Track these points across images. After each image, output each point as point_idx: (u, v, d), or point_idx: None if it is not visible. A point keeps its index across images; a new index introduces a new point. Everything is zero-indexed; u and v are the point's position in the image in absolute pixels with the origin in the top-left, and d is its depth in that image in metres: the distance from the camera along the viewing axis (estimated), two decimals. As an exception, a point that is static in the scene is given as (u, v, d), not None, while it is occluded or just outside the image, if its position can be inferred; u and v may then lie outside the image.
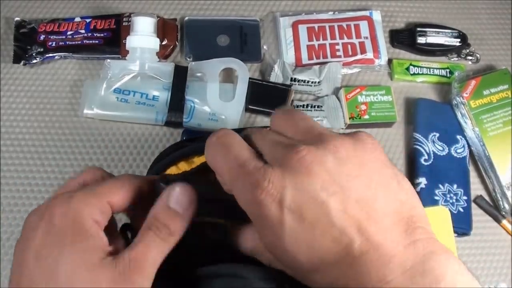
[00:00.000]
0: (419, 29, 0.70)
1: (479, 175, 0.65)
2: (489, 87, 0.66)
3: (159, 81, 0.63)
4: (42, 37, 0.64)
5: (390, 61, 0.70)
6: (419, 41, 0.70)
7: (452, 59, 0.72)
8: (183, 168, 0.50)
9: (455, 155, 0.64)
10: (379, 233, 0.23)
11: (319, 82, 0.66)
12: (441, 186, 0.62)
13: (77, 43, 0.65)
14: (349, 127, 0.65)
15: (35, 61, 0.64)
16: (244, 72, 0.64)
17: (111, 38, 0.65)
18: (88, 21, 0.66)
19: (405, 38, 0.71)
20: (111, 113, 0.62)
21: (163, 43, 0.66)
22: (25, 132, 0.62)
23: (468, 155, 0.65)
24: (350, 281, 0.23)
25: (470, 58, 0.72)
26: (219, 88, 0.63)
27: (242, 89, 0.63)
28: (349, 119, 0.64)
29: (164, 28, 0.66)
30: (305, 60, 0.68)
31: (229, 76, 0.66)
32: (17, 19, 0.66)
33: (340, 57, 0.68)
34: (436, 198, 0.61)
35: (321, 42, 0.69)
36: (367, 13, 0.71)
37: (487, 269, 0.61)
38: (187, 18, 0.69)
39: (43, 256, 0.26)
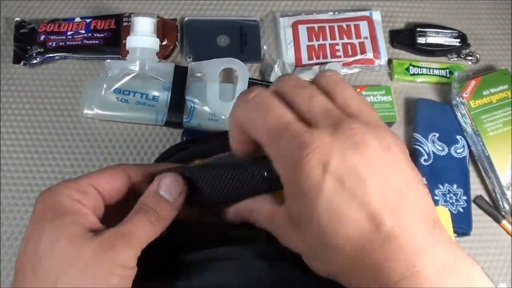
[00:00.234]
0: (419, 29, 0.70)
1: (479, 175, 0.65)
2: (489, 87, 0.66)
3: (159, 81, 0.63)
4: (42, 37, 0.64)
5: (390, 61, 0.70)
6: (419, 41, 0.70)
7: (452, 59, 0.72)
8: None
9: (455, 155, 0.64)
10: (411, 223, 0.23)
11: (319, 82, 0.66)
12: (441, 186, 0.62)
13: (77, 43, 0.65)
14: (349, 127, 0.65)
15: (35, 61, 0.64)
16: (244, 72, 0.64)
17: (111, 38, 0.65)
18: (88, 21, 0.66)
19: (405, 38, 0.71)
20: (111, 113, 0.62)
21: (163, 43, 0.66)
22: (25, 132, 0.62)
23: (468, 155, 0.65)
24: (372, 266, 0.23)
25: (470, 58, 0.72)
26: (219, 88, 0.63)
27: (242, 89, 0.63)
28: (349, 119, 0.64)
29: (164, 28, 0.66)
30: (305, 60, 0.68)
31: (229, 76, 0.66)
32: (17, 19, 0.66)
33: (340, 57, 0.68)
34: (436, 198, 0.61)
35: (321, 42, 0.69)
36: (367, 13, 0.71)
37: (487, 269, 0.61)
38: (187, 18, 0.69)
39: (29, 242, 0.27)
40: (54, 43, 0.64)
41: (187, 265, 0.31)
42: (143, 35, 0.62)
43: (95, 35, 0.65)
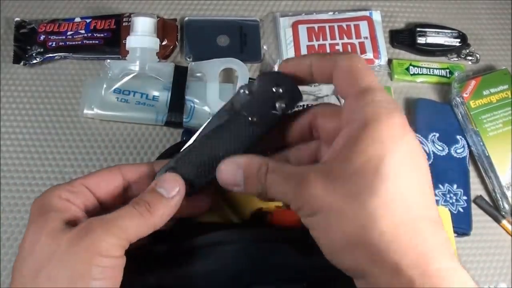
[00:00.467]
0: (419, 29, 0.70)
1: (479, 175, 0.65)
2: (489, 87, 0.66)
3: (159, 81, 0.63)
4: (42, 37, 0.64)
5: (390, 61, 0.70)
6: (419, 41, 0.70)
7: (452, 59, 0.72)
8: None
9: (455, 155, 0.64)
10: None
11: (319, 82, 0.66)
12: (441, 186, 0.62)
13: (77, 43, 0.65)
14: (349, 127, 0.65)
15: (35, 61, 0.64)
16: (244, 72, 0.64)
17: (111, 38, 0.65)
18: (88, 21, 0.66)
19: (405, 38, 0.71)
20: (111, 113, 0.62)
21: (163, 43, 0.66)
22: (25, 132, 0.62)
23: (468, 155, 0.65)
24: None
25: (470, 58, 0.72)
26: (219, 88, 0.63)
27: (242, 89, 0.63)
28: (349, 119, 0.64)
29: (164, 28, 0.66)
30: (305, 60, 0.68)
31: (229, 76, 0.66)
32: (17, 19, 0.66)
33: (340, 57, 0.68)
34: (436, 198, 0.61)
35: (321, 42, 0.69)
36: (367, 13, 0.71)
37: (487, 269, 0.61)
38: (187, 18, 0.69)
39: (23, 243, 0.27)
40: (54, 43, 0.64)
41: (190, 251, 0.31)
42: (143, 35, 0.62)
43: (95, 35, 0.65)
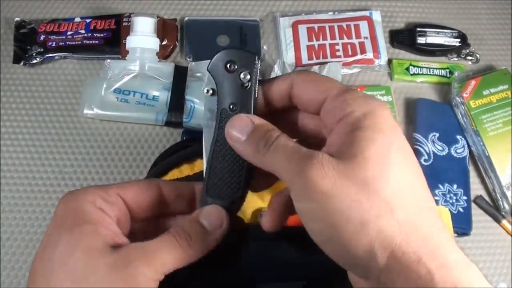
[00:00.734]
0: (419, 29, 0.70)
1: (479, 175, 0.65)
2: (489, 87, 0.66)
3: (159, 81, 0.63)
4: (42, 37, 0.64)
5: (390, 61, 0.70)
6: (419, 41, 0.70)
7: (452, 59, 0.72)
8: (186, 171, 0.49)
9: (455, 155, 0.64)
10: None
11: (319, 82, 0.66)
12: (441, 186, 0.62)
13: (77, 43, 0.65)
14: (349, 127, 0.65)
15: (35, 61, 0.64)
16: (244, 72, 0.63)
17: (111, 38, 0.65)
18: (88, 21, 0.66)
19: (405, 38, 0.71)
20: (111, 113, 0.62)
21: (163, 43, 0.66)
22: (25, 132, 0.62)
23: (468, 155, 0.65)
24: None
25: (470, 58, 0.72)
26: (219, 88, 0.63)
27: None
28: (349, 119, 0.64)
29: (164, 28, 0.66)
30: (305, 60, 0.68)
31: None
32: (17, 19, 0.66)
33: (340, 57, 0.68)
34: (436, 198, 0.61)
35: (321, 42, 0.69)
36: (367, 13, 0.71)
37: (487, 269, 0.61)
38: (187, 18, 0.69)
39: (46, 245, 0.26)
40: (54, 43, 0.64)
41: None
42: (143, 35, 0.62)
43: (95, 35, 0.65)
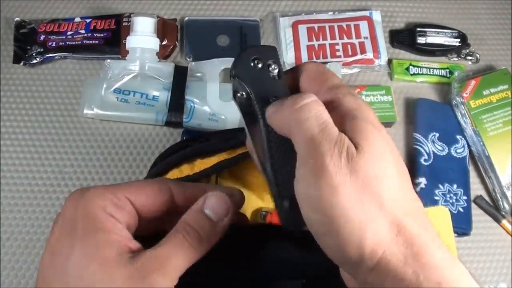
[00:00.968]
0: (419, 29, 0.70)
1: (479, 175, 0.65)
2: (489, 87, 0.66)
3: (159, 81, 0.63)
4: (42, 37, 0.64)
5: (390, 61, 0.70)
6: (419, 41, 0.70)
7: (452, 59, 0.72)
8: (185, 171, 0.49)
9: (455, 155, 0.64)
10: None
11: (319, 82, 0.66)
12: (441, 186, 0.62)
13: (77, 43, 0.65)
14: (349, 127, 0.65)
15: (35, 61, 0.64)
16: (244, 72, 0.63)
17: (111, 38, 0.65)
18: (88, 21, 0.66)
19: (405, 38, 0.71)
20: (111, 113, 0.62)
21: (163, 43, 0.66)
22: (25, 132, 0.62)
23: (468, 155, 0.65)
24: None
25: (470, 58, 0.72)
26: (219, 88, 0.63)
27: (242, 89, 0.63)
28: (349, 119, 0.64)
29: (164, 28, 0.66)
30: (305, 60, 0.68)
31: (229, 76, 0.66)
32: (17, 19, 0.66)
33: (340, 57, 0.68)
34: (436, 198, 0.61)
35: (321, 42, 0.69)
36: (367, 13, 0.71)
37: (487, 269, 0.61)
38: (187, 18, 0.69)
39: (56, 252, 0.25)
40: (54, 43, 0.64)
41: None
42: (143, 35, 0.62)
43: (95, 35, 0.65)
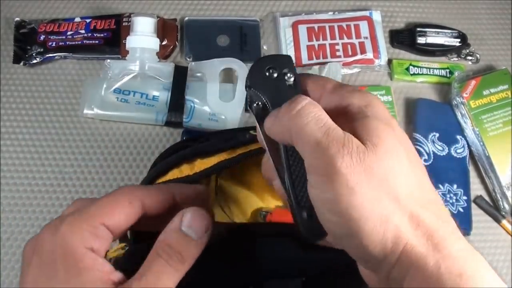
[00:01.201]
0: (419, 29, 0.70)
1: (479, 175, 0.65)
2: (489, 87, 0.66)
3: (159, 81, 0.63)
4: (42, 37, 0.64)
5: (390, 61, 0.70)
6: (419, 41, 0.70)
7: (452, 59, 0.72)
8: (186, 171, 0.49)
9: (455, 155, 0.64)
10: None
11: (319, 82, 0.66)
12: (441, 186, 0.62)
13: (77, 43, 0.65)
14: (349, 127, 0.65)
15: (35, 61, 0.64)
16: (244, 72, 0.64)
17: (111, 38, 0.65)
18: (88, 21, 0.66)
19: (405, 38, 0.71)
20: (111, 113, 0.62)
21: (163, 43, 0.66)
22: (25, 132, 0.62)
23: (468, 155, 0.65)
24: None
25: (470, 58, 0.72)
26: (219, 88, 0.63)
27: (242, 89, 0.63)
28: (349, 119, 0.64)
29: (164, 28, 0.66)
30: (305, 60, 0.68)
31: (229, 76, 0.66)
32: (17, 19, 0.66)
33: (340, 57, 0.68)
34: (436, 198, 0.61)
35: (321, 42, 0.69)
36: (367, 13, 0.71)
37: (487, 269, 0.61)
38: (187, 18, 0.69)
39: None
40: (54, 43, 0.64)
41: None
42: (143, 35, 0.62)
43: (95, 35, 0.65)
